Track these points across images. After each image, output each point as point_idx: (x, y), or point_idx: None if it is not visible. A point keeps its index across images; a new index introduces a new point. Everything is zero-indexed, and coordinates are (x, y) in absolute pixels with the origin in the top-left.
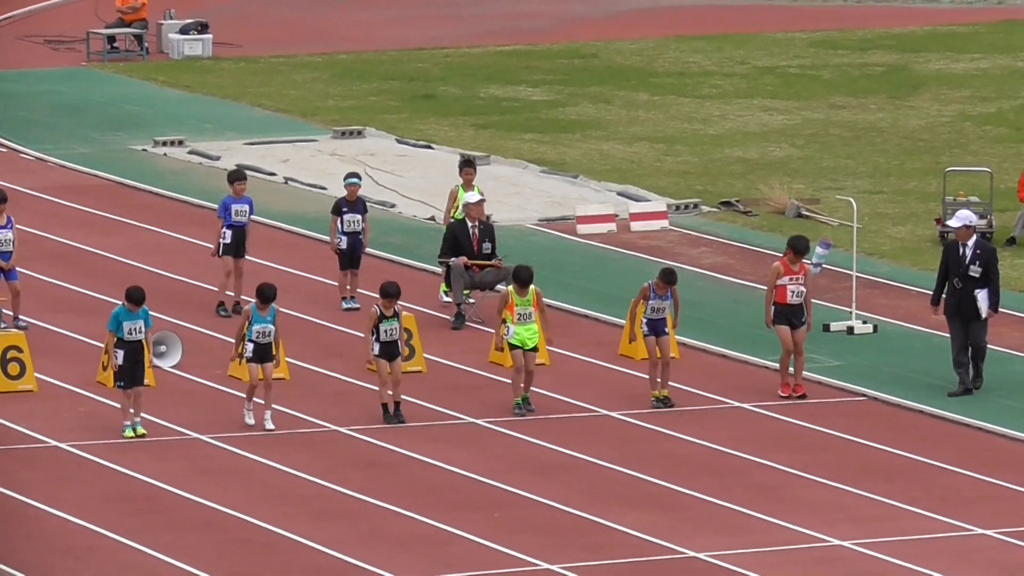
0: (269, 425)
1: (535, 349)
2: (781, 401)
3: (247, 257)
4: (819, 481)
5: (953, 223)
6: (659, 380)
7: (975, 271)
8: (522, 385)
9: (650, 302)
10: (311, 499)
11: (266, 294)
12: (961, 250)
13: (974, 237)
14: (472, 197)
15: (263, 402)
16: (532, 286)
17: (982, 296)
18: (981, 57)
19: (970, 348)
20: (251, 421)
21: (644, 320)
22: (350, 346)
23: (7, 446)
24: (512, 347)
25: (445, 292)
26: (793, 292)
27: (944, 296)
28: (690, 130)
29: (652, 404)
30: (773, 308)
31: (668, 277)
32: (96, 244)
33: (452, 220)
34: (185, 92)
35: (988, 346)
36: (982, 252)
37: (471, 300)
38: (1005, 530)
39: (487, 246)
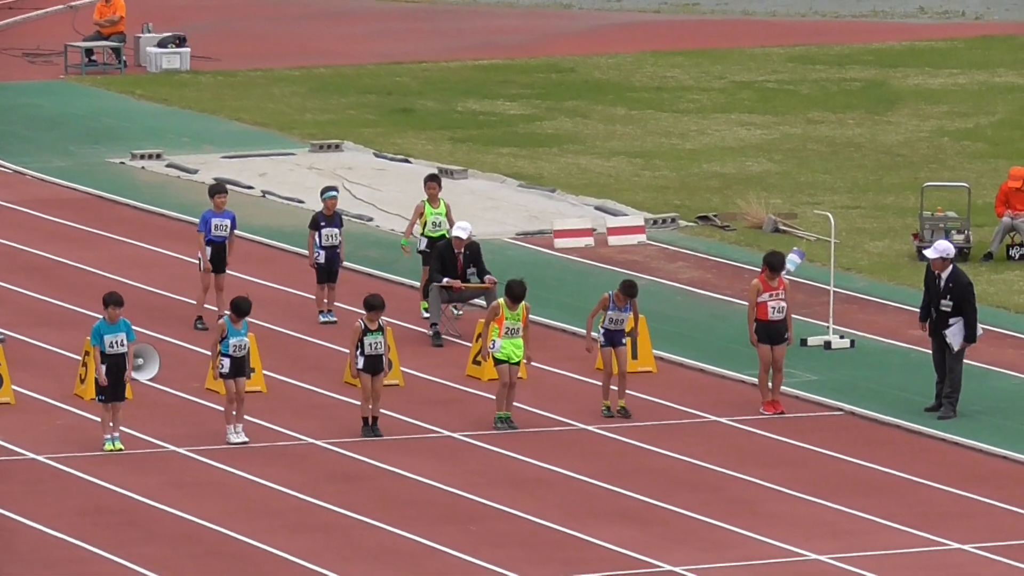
0: (242, 437)
1: (518, 363)
2: (758, 416)
3: (227, 272)
4: (796, 496)
5: (929, 254)
6: (614, 389)
7: (946, 306)
8: (505, 400)
9: (609, 312)
10: (288, 512)
11: (241, 307)
12: (937, 280)
13: (950, 268)
14: (459, 231)
15: (235, 414)
16: (523, 302)
17: (952, 331)
18: (959, 72)
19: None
20: (237, 439)
21: (601, 330)
22: (327, 359)
23: None
24: (498, 361)
25: (425, 309)
26: (774, 308)
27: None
28: (668, 145)
29: (603, 413)
30: (755, 325)
31: (629, 290)
32: (74, 257)
33: (420, 237)
34: (163, 105)
35: (966, 362)
36: (955, 286)
37: (459, 312)
38: (982, 545)
39: (472, 271)
